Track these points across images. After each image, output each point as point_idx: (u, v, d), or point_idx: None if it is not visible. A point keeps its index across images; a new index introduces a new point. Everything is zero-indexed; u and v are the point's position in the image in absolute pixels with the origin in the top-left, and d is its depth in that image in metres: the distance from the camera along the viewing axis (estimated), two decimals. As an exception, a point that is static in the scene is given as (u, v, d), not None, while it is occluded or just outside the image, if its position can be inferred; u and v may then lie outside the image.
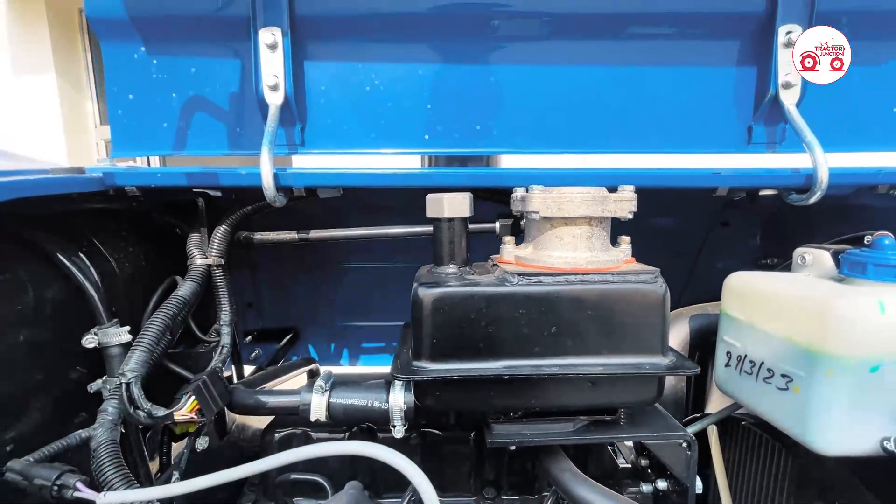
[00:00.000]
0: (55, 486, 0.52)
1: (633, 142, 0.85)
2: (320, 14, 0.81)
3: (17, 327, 0.70)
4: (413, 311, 0.63)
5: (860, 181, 0.78)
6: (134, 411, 0.68)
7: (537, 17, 0.82)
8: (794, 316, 0.67)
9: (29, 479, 0.53)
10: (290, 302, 1.39)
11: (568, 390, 0.63)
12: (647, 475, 0.83)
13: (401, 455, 0.51)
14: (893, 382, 0.60)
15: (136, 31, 0.82)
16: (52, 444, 0.62)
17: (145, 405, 0.68)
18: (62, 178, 0.68)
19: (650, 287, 0.62)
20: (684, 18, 0.84)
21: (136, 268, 0.88)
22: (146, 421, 0.69)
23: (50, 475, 0.53)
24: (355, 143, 0.87)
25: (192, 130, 0.86)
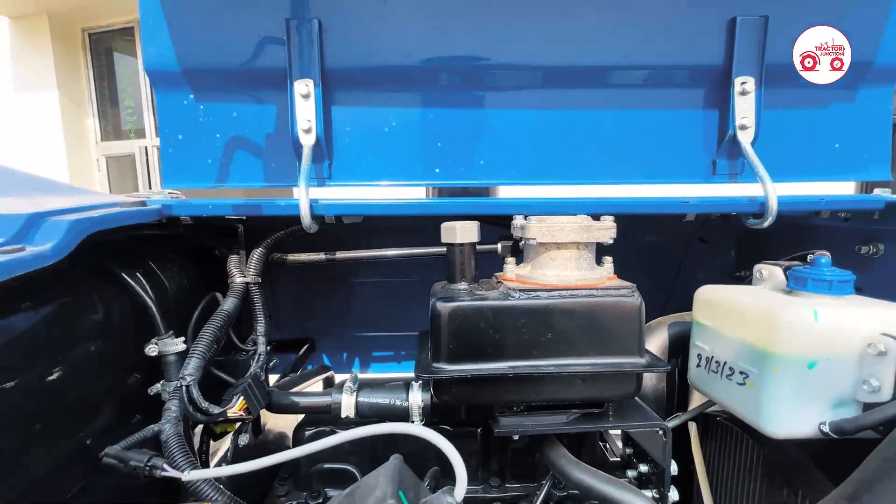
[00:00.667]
0: (147, 467, 0.64)
1: (614, 174, 0.99)
2: (345, 67, 0.95)
3: (89, 341, 0.81)
4: (432, 321, 0.76)
5: (805, 207, 0.92)
6: (193, 410, 0.80)
7: (531, 69, 0.97)
8: (750, 322, 0.80)
9: (124, 462, 0.64)
10: (307, 315, 1.51)
11: (562, 386, 0.76)
12: (632, 463, 0.95)
13: (432, 430, 0.63)
14: (827, 377, 0.73)
15: (186, 82, 0.95)
16: (131, 436, 0.73)
17: (203, 404, 0.80)
18: (133, 210, 0.81)
19: (628, 300, 0.75)
20: (658, 70, 0.99)
21: (181, 285, 1.00)
22: (203, 419, 0.81)
23: (141, 458, 0.65)
24: (375, 176, 1.00)
25: (233, 165, 0.99)
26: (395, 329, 1.55)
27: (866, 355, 0.72)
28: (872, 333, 0.72)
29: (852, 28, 0.95)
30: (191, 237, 1.04)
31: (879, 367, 0.71)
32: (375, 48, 0.94)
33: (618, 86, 0.99)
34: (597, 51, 0.98)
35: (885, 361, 0.71)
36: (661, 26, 0.97)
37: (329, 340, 1.56)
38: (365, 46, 0.94)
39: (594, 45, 0.97)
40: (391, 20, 0.93)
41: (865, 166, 1.01)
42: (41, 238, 0.66)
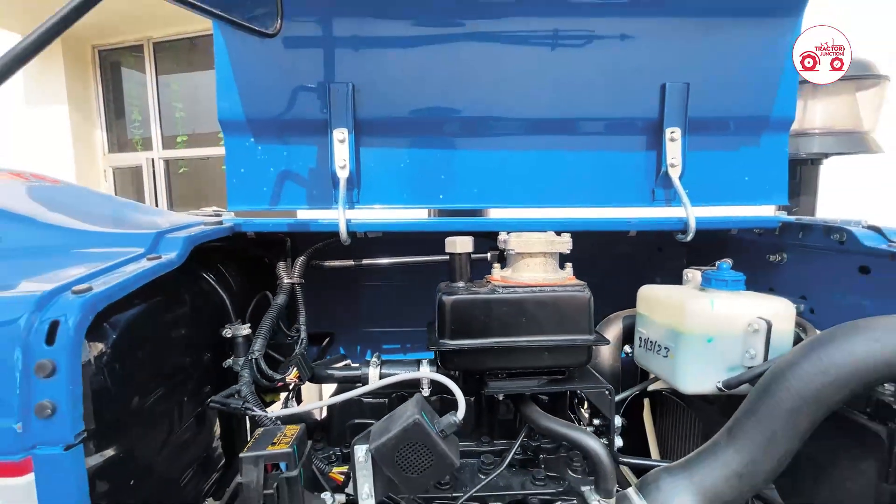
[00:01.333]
0: (244, 409, 0.91)
1: (576, 200, 1.29)
2: (372, 118, 1.24)
3: (178, 326, 1.09)
4: (438, 309, 1.04)
5: (718, 226, 1.23)
6: (261, 376, 1.07)
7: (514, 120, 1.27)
8: (670, 311, 1.09)
9: (227, 406, 0.92)
10: (328, 313, 1.79)
11: (533, 356, 1.04)
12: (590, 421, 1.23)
13: (439, 374, 0.91)
14: (721, 348, 1.03)
15: (249, 128, 1.24)
16: (220, 392, 1.01)
17: (268, 372, 1.08)
18: (220, 227, 1.09)
19: (580, 294, 1.04)
20: (612, 121, 1.29)
21: (239, 285, 1.28)
22: (267, 383, 1.09)
23: (238, 403, 0.92)
24: (392, 200, 1.29)
25: (282, 192, 1.28)
26: (402, 325, 1.83)
27: (747, 332, 1.02)
28: (752, 317, 1.01)
29: (755, 90, 1.27)
30: (244, 248, 1.32)
31: (755, 341, 1.01)
32: (394, 104, 1.24)
33: (580, 133, 1.29)
34: (565, 107, 1.28)
35: (759, 336, 1.00)
36: (613, 89, 1.27)
37: (346, 334, 1.84)
38: (387, 103, 1.24)
39: (563, 102, 1.28)
40: (406, 84, 1.23)
41: (769, 195, 1.32)
42: (165, 249, 0.94)
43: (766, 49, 1.24)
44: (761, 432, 0.87)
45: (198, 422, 1.12)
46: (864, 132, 1.42)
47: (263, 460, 0.73)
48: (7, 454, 0.63)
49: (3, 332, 0.64)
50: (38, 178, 1.21)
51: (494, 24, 1.24)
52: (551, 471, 1.16)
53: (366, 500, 0.82)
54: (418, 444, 0.78)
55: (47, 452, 0.64)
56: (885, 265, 1.06)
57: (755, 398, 0.90)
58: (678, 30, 1.24)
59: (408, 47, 1.24)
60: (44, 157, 6.39)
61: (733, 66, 1.25)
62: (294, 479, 0.74)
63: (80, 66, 6.64)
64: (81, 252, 0.91)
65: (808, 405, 0.83)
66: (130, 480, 0.85)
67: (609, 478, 0.97)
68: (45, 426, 0.64)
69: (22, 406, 0.63)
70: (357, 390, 0.99)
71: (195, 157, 6.64)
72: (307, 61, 1.21)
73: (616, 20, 1.23)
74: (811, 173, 1.49)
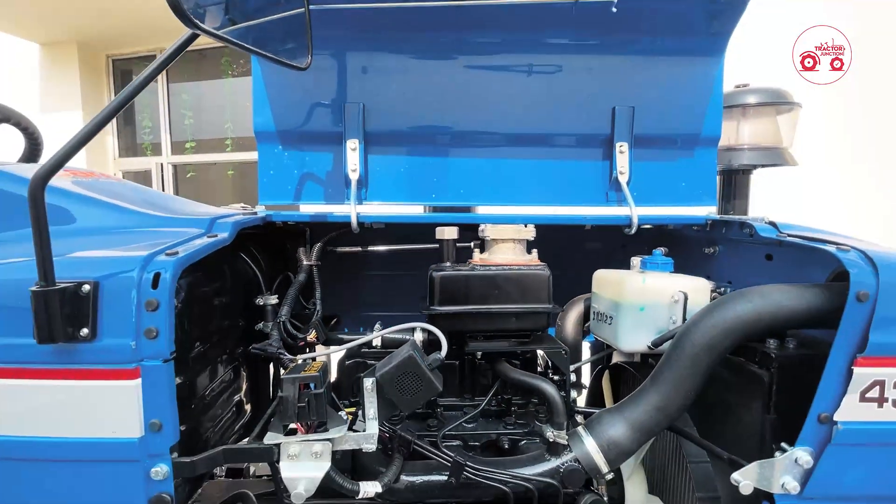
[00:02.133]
0: (278, 353, 1.19)
1: (544, 199, 1.58)
2: (379, 132, 1.54)
3: (222, 293, 1.36)
4: (430, 283, 1.31)
5: (656, 222, 1.52)
6: (287, 336, 1.35)
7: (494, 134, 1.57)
8: (613, 287, 1.37)
9: (264, 351, 1.19)
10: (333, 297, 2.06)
11: (503, 320, 1.31)
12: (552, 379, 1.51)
13: (429, 325, 1.18)
14: (651, 315, 1.30)
15: (278, 138, 1.53)
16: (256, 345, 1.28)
17: (293, 331, 1.35)
18: (256, 217, 1.37)
19: (542, 272, 1.31)
20: (575, 136, 1.59)
21: (267, 265, 1.56)
22: (291, 341, 1.36)
23: (272, 349, 1.20)
24: (393, 198, 1.58)
25: (304, 190, 1.56)
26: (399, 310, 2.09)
27: (671, 303, 1.30)
28: (674, 291, 1.29)
29: (688, 112, 1.57)
30: (270, 235, 1.60)
31: (676, 309, 1.29)
32: (397, 120, 1.54)
33: (547, 145, 1.59)
34: (536, 124, 1.58)
35: (678, 306, 1.28)
36: (575, 110, 1.57)
37: (349, 316, 2.11)
38: (391, 119, 1.53)
39: (534, 120, 1.58)
40: (406, 104, 1.53)
41: (701, 198, 1.61)
42: (218, 230, 1.21)
43: (697, 80, 1.55)
44: (672, 374, 1.15)
45: (234, 374, 1.39)
46: (783, 148, 1.73)
47: (298, 381, 1.00)
48: (124, 363, 0.90)
49: (124, 279, 0.91)
50: (105, 176, 1.49)
51: (481, 58, 1.54)
52: (521, 420, 1.43)
53: (371, 419, 1.08)
54: (412, 373, 1.06)
55: (151, 364, 0.92)
56: (781, 252, 1.35)
57: (670, 350, 1.18)
58: (626, 64, 1.54)
59: (408, 75, 1.54)
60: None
61: (671, 94, 1.55)
62: (320, 395, 1.00)
63: (95, 74, 6.96)
64: (156, 230, 1.18)
65: (704, 351, 1.11)
66: (191, 404, 1.12)
67: (560, 413, 1.24)
68: (150, 345, 0.91)
69: (136, 329, 0.90)
70: (367, 337, 1.27)
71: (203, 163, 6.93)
72: (327, 85, 1.51)
73: (577, 57, 1.53)
74: (743, 181, 1.79)
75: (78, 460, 0.92)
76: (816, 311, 1.06)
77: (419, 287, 1.37)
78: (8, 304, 0.90)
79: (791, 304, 1.07)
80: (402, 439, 1.20)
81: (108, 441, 0.91)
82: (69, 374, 0.90)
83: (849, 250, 1.03)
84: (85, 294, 0.89)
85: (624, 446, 1.17)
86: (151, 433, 0.92)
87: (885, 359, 0.97)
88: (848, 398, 0.97)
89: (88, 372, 0.90)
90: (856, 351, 0.97)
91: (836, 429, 0.98)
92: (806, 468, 1.01)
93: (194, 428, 1.14)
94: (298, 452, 1.00)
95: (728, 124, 1.76)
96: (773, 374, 1.15)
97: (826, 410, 0.99)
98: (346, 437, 1.04)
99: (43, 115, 6.87)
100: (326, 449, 1.01)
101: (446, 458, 1.16)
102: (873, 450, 1.00)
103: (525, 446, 1.33)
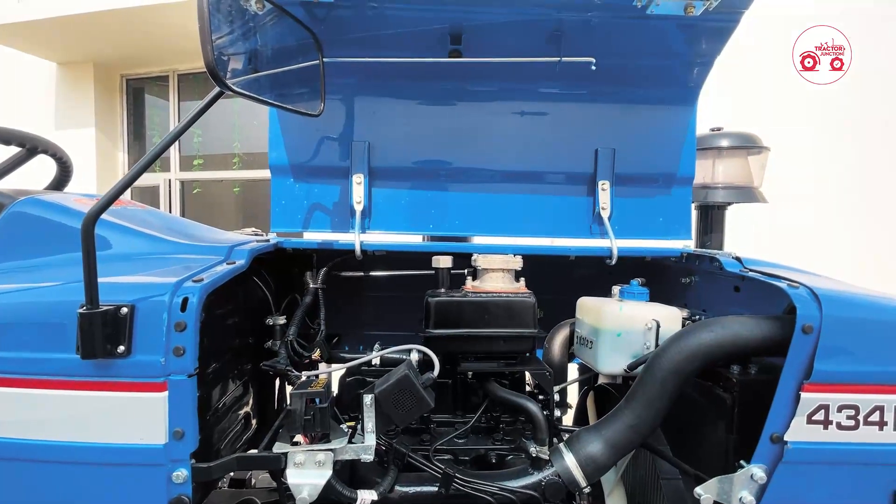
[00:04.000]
0: (286, 369, 1.31)
1: (532, 231, 1.72)
2: (382, 167, 1.69)
3: (236, 314, 1.48)
4: (426, 307, 1.43)
5: (635, 254, 1.65)
6: (294, 354, 1.47)
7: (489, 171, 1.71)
8: (594, 313, 1.50)
9: (274, 368, 1.32)
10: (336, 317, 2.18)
11: (493, 343, 1.43)
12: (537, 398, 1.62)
13: (424, 347, 1.30)
14: (627, 341, 1.42)
15: (290, 171, 1.68)
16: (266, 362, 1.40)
17: (299, 350, 1.47)
18: (269, 244, 1.50)
19: (528, 299, 1.43)
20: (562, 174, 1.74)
21: (276, 288, 1.69)
22: (297, 359, 1.48)
23: (281, 365, 1.32)
24: (394, 228, 1.72)
25: (312, 219, 1.70)
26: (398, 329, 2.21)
27: (645, 330, 1.42)
28: (648, 319, 1.42)
29: (664, 154, 1.72)
30: (279, 260, 1.74)
31: (650, 336, 1.41)
32: (399, 158, 1.69)
33: (536, 182, 1.73)
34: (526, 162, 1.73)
35: (652, 332, 1.40)
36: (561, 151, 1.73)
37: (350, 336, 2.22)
38: (394, 156, 1.68)
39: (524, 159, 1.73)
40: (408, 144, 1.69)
41: (678, 231, 1.76)
42: (236, 257, 1.34)
43: (672, 126, 1.70)
44: (644, 396, 1.26)
45: (244, 389, 1.51)
46: (754, 187, 1.88)
47: (306, 395, 1.12)
48: (154, 377, 1.03)
49: (157, 302, 1.04)
50: (134, 204, 1.64)
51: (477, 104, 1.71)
52: (508, 436, 1.54)
53: (369, 432, 1.20)
54: (407, 391, 1.18)
55: (177, 378, 1.04)
56: (746, 285, 1.48)
57: (643, 373, 1.30)
58: (608, 111, 1.70)
59: (411, 117, 1.70)
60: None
61: (648, 137, 1.71)
62: (325, 409, 1.12)
63: (109, 93, 7.21)
64: (181, 257, 1.32)
65: (672, 375, 1.23)
66: (207, 416, 1.24)
67: (543, 430, 1.35)
68: (177, 362, 1.04)
69: (165, 348, 1.03)
70: (368, 356, 1.39)
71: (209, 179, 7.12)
72: (336, 125, 1.67)
73: (563, 104, 1.70)
74: (718, 217, 1.93)
75: (109, 464, 1.03)
76: (770, 341, 1.18)
77: (416, 308, 1.49)
78: (56, 321, 1.03)
79: (747, 334, 1.19)
80: (398, 452, 1.31)
81: (136, 447, 1.03)
82: (105, 386, 1.02)
83: (798, 287, 1.16)
84: (123, 316, 1.02)
85: (601, 462, 1.28)
86: (175, 440, 1.04)
87: (829, 385, 1.09)
88: (796, 420, 1.09)
89: (122, 385, 1.02)
90: (803, 377, 1.09)
91: (787, 448, 1.09)
92: (761, 483, 1.12)
93: (208, 438, 1.25)
94: (304, 461, 1.12)
95: (704, 163, 1.92)
96: (734, 397, 1.27)
97: (777, 431, 1.10)
98: (347, 448, 1.15)
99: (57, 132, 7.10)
100: (329, 458, 1.12)
101: (437, 470, 1.26)
102: (820, 467, 1.11)
103: (511, 461, 1.43)
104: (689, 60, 1.57)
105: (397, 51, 1.48)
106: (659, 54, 1.56)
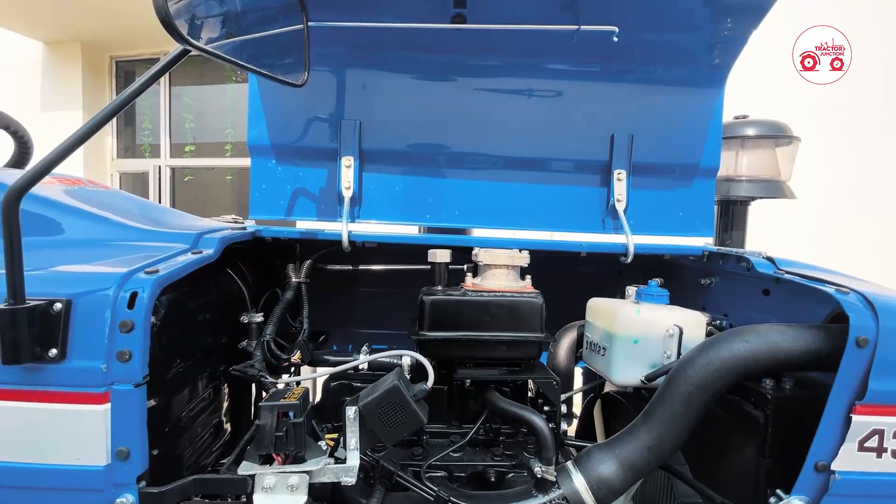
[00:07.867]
0: (259, 376, 1.14)
1: (540, 224, 1.56)
2: (374, 149, 1.51)
3: (206, 310, 1.32)
4: (420, 306, 1.28)
5: (653, 252, 1.49)
6: (270, 356, 1.30)
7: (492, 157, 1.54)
8: (607, 317, 1.34)
9: (245, 373, 1.15)
10: (322, 313, 2.01)
11: (494, 348, 1.28)
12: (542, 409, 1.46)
13: (415, 353, 1.14)
14: (645, 348, 1.27)
15: (272, 152, 1.51)
16: (236, 366, 1.23)
17: (277, 352, 1.30)
18: (245, 232, 1.34)
19: (535, 300, 1.28)
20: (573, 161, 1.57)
21: (254, 281, 1.52)
22: (275, 362, 1.31)
23: (254, 371, 1.15)
24: (387, 217, 1.55)
25: (296, 206, 1.53)
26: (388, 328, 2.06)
27: (665, 336, 1.27)
28: (669, 324, 1.26)
29: (687, 142, 1.55)
30: (259, 250, 1.57)
31: (671, 343, 1.26)
32: (393, 139, 1.51)
33: (544, 170, 1.57)
34: (533, 148, 1.56)
35: (673, 340, 1.25)
36: (573, 136, 1.56)
37: (338, 334, 2.06)
38: (387, 138, 1.51)
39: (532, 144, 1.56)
40: (404, 124, 1.51)
41: (698, 228, 1.60)
42: (204, 246, 1.18)
43: (697, 111, 1.54)
44: (665, 412, 1.11)
45: (214, 393, 1.34)
46: (782, 181, 1.72)
47: (277, 409, 0.96)
48: (93, 387, 0.86)
49: (98, 297, 0.87)
50: (94, 183, 1.46)
51: (481, 80, 1.53)
52: (509, 450, 1.39)
53: (352, 450, 1.04)
54: (396, 404, 1.02)
55: (122, 388, 0.87)
56: (778, 288, 1.33)
57: (664, 387, 1.14)
58: (626, 92, 1.53)
59: (407, 94, 1.52)
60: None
61: (670, 123, 1.54)
62: (300, 424, 0.96)
63: (98, 74, 6.96)
64: (139, 244, 1.15)
65: (699, 390, 1.08)
66: (165, 427, 1.08)
67: (549, 447, 1.19)
68: (122, 368, 0.87)
69: (108, 352, 0.86)
70: (353, 362, 1.23)
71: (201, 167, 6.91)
72: (324, 101, 1.49)
73: (577, 83, 1.53)
74: (741, 212, 1.77)
75: (38, 488, 0.87)
76: (814, 354, 1.03)
77: (410, 305, 1.33)
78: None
79: (788, 346, 1.04)
80: (385, 470, 1.15)
81: (71, 468, 0.86)
82: (33, 396, 0.86)
83: (848, 292, 1.00)
84: (56, 312, 0.85)
85: (614, 485, 1.12)
86: (118, 461, 0.87)
87: (885, 407, 0.94)
88: (846, 447, 0.94)
89: (55, 395, 0.86)
90: (855, 398, 0.94)
91: (834, 478, 0.95)
92: (802, 518, 0.97)
93: (168, 451, 1.09)
94: (273, 485, 0.96)
95: (727, 154, 1.76)
96: (768, 416, 1.12)
97: (823, 459, 0.95)
98: (325, 469, 0.99)
99: (43, 113, 6.86)
100: (303, 482, 0.97)
101: (430, 492, 1.11)
102: (872, 501, 0.96)
103: (512, 479, 1.28)
104: (719, 36, 1.40)
105: (393, 15, 1.31)
106: (687, 27, 1.39)
